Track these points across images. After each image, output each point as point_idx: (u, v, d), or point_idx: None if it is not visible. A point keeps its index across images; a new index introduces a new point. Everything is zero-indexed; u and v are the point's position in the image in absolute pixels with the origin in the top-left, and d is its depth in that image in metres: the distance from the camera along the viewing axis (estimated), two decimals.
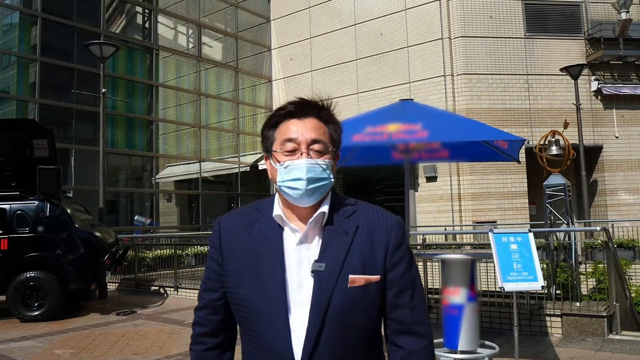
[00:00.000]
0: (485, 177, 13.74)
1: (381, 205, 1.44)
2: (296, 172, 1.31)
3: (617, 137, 14.70)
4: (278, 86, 18.24)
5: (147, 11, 16.26)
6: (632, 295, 8.51)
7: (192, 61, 16.96)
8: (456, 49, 14.40)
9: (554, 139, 8.50)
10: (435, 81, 14.47)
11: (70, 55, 13.92)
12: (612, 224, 12.17)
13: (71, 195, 12.49)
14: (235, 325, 1.44)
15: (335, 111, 1.43)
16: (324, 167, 1.33)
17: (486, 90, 14.25)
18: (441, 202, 14.00)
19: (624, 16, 14.44)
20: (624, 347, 5.65)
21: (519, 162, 6.21)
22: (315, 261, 1.30)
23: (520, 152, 5.78)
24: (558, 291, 6.84)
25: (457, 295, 4.25)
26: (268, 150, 1.40)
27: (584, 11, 15.08)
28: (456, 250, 8.52)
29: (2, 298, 8.32)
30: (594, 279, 8.29)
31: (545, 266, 7.03)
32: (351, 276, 1.29)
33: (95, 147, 12.48)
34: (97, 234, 8.72)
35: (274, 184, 1.37)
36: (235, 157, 17.52)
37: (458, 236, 12.66)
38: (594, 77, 14.83)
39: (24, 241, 8.27)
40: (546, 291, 6.58)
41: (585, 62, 13.99)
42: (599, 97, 14.79)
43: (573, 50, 14.80)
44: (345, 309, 1.27)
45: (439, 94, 14.27)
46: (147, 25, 16.34)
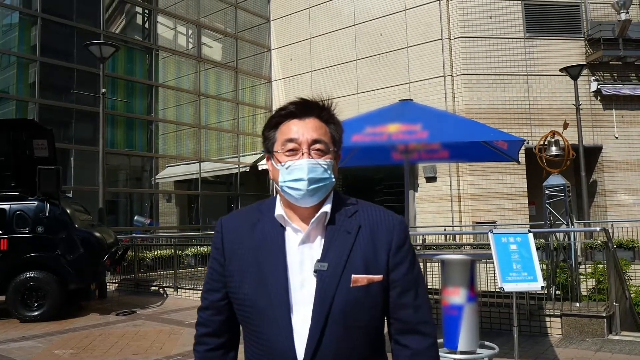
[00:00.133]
0: (485, 178, 13.74)
1: (381, 205, 1.43)
2: (297, 172, 1.31)
3: (616, 137, 14.71)
4: (278, 86, 18.25)
5: (146, 11, 16.26)
6: (632, 295, 8.52)
7: (191, 61, 16.95)
8: (456, 49, 14.41)
9: (553, 140, 8.49)
10: (435, 82, 14.48)
11: (70, 56, 13.92)
12: (612, 225, 12.18)
13: (71, 195, 12.48)
14: (238, 326, 1.44)
15: (336, 111, 1.43)
16: (325, 167, 1.33)
17: (486, 90, 14.25)
18: (441, 203, 14.01)
19: (623, 17, 14.45)
20: (624, 347, 5.65)
21: (519, 163, 6.22)
22: (317, 261, 1.30)
23: (520, 152, 5.80)
24: (558, 292, 6.84)
25: (456, 296, 4.25)
26: (269, 150, 1.40)
27: (583, 12, 15.09)
28: (456, 250, 8.50)
29: (2, 298, 8.30)
30: (593, 280, 8.30)
31: (544, 266, 7.03)
32: (354, 276, 1.29)
33: (95, 147, 12.48)
34: (97, 234, 8.71)
35: (276, 184, 1.37)
36: (235, 157, 17.51)
37: (458, 236, 12.67)
38: (593, 78, 14.84)
39: (23, 241, 8.26)
40: (546, 292, 6.58)
41: (584, 63, 14.01)
42: (599, 98, 14.81)
43: (573, 51, 14.81)
44: (348, 308, 1.27)
45: (438, 94, 14.28)
46: (146, 25, 16.34)
